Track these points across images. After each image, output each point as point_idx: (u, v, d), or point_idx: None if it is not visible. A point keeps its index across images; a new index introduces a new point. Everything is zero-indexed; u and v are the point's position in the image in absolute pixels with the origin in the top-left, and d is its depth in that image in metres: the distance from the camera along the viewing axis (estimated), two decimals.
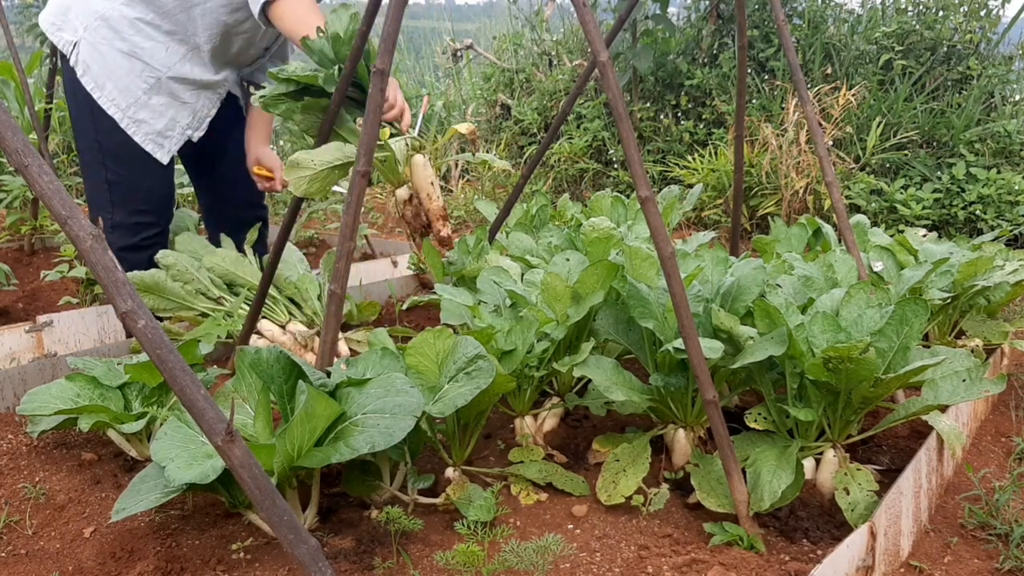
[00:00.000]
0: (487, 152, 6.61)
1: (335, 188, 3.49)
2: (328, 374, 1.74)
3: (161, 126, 2.80)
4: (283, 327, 2.79)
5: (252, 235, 3.07)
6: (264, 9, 2.51)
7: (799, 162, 4.72)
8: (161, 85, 2.78)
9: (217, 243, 3.01)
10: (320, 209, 4.57)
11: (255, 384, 1.72)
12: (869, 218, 3.75)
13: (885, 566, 1.60)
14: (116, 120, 2.75)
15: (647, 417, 2.11)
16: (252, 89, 3.06)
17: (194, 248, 2.93)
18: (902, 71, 5.26)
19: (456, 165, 6.80)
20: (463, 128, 2.42)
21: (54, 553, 1.68)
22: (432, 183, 2.32)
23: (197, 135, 2.90)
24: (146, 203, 2.85)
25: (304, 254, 3.08)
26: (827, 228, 3.01)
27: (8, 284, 3.21)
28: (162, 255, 2.78)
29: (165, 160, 2.83)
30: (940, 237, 3.69)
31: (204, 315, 2.78)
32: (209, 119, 2.92)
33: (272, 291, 2.80)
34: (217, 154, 3.08)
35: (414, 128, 2.79)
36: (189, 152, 3.02)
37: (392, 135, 2.30)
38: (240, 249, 2.99)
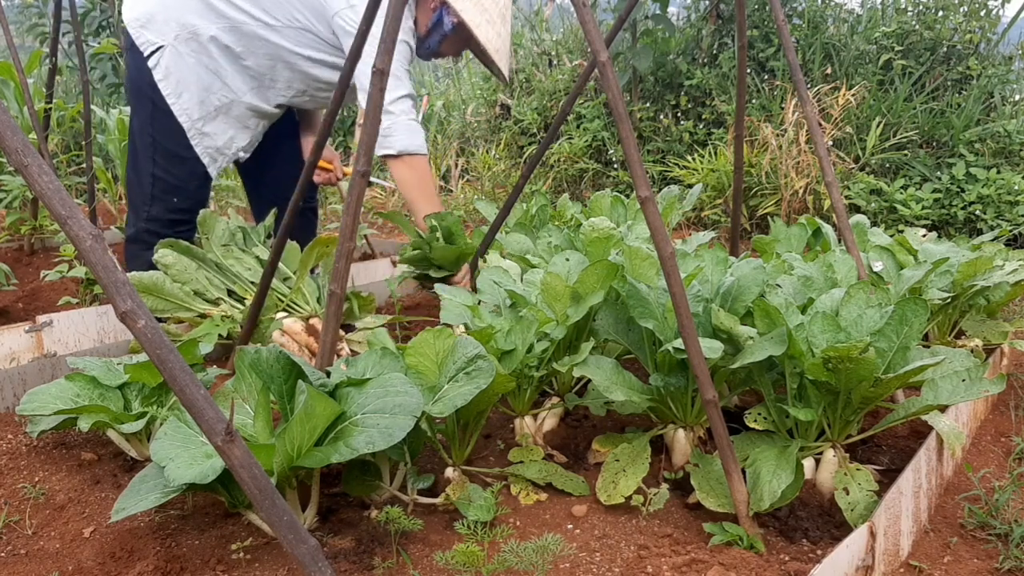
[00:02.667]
0: (487, 152, 6.61)
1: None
2: (328, 374, 1.75)
3: (221, 143, 2.99)
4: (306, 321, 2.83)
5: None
6: (386, 157, 2.95)
7: (799, 162, 4.72)
8: (232, 107, 2.96)
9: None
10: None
11: (255, 384, 1.72)
12: (869, 218, 3.75)
13: (885, 566, 1.60)
14: (184, 129, 2.91)
15: (647, 417, 2.11)
16: None
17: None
18: (902, 71, 5.26)
19: (456, 165, 6.81)
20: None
21: (54, 553, 1.68)
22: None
23: (244, 156, 3.12)
24: (185, 202, 2.99)
25: None
26: (827, 228, 3.01)
27: (8, 284, 3.21)
28: (161, 255, 2.79)
29: (215, 174, 3.04)
30: (940, 237, 3.69)
31: (203, 316, 2.78)
32: (259, 142, 3.14)
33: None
34: (271, 150, 3.21)
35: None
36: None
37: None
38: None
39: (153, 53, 2.86)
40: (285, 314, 2.80)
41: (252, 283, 2.86)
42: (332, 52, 2.98)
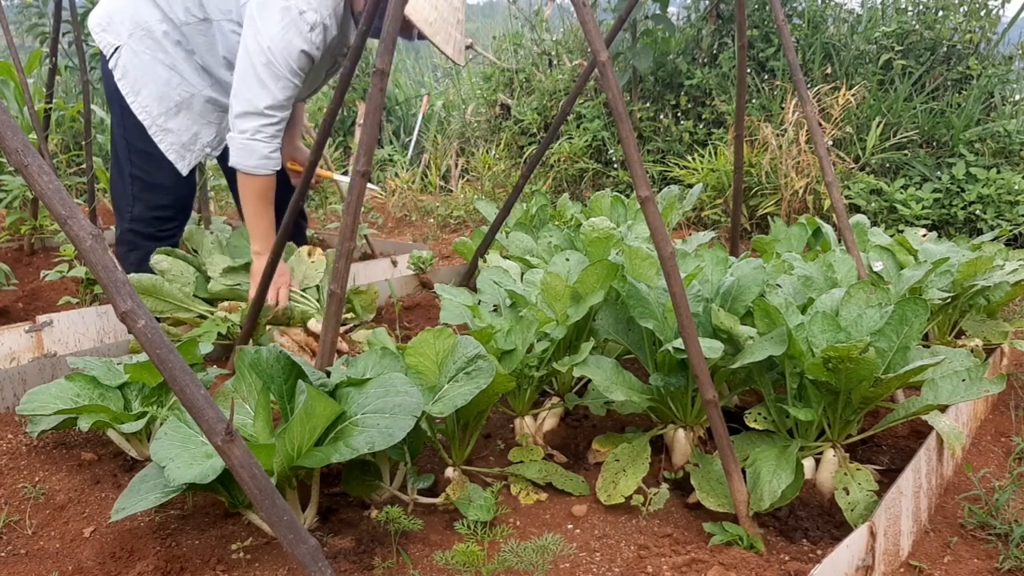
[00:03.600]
0: (487, 152, 6.61)
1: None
2: (328, 374, 1.74)
3: (186, 139, 2.94)
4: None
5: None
6: (234, 165, 2.75)
7: (799, 162, 4.72)
8: (193, 101, 2.92)
9: None
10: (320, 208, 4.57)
11: (255, 384, 1.72)
12: (869, 218, 3.76)
13: (885, 566, 1.60)
14: (146, 126, 2.88)
15: (647, 417, 2.11)
16: None
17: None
18: (902, 71, 5.26)
19: (456, 165, 6.81)
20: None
21: (54, 553, 1.68)
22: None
23: (215, 154, 3.06)
24: (165, 199, 2.97)
25: None
26: (827, 228, 3.01)
27: (8, 284, 3.21)
28: (157, 260, 2.80)
29: (185, 172, 2.97)
30: (940, 237, 3.69)
31: (202, 317, 2.79)
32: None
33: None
34: None
35: (413, 128, 2.88)
36: (225, 153, 3.10)
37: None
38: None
39: (113, 54, 2.85)
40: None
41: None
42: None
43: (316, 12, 2.60)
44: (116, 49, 2.85)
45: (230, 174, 3.31)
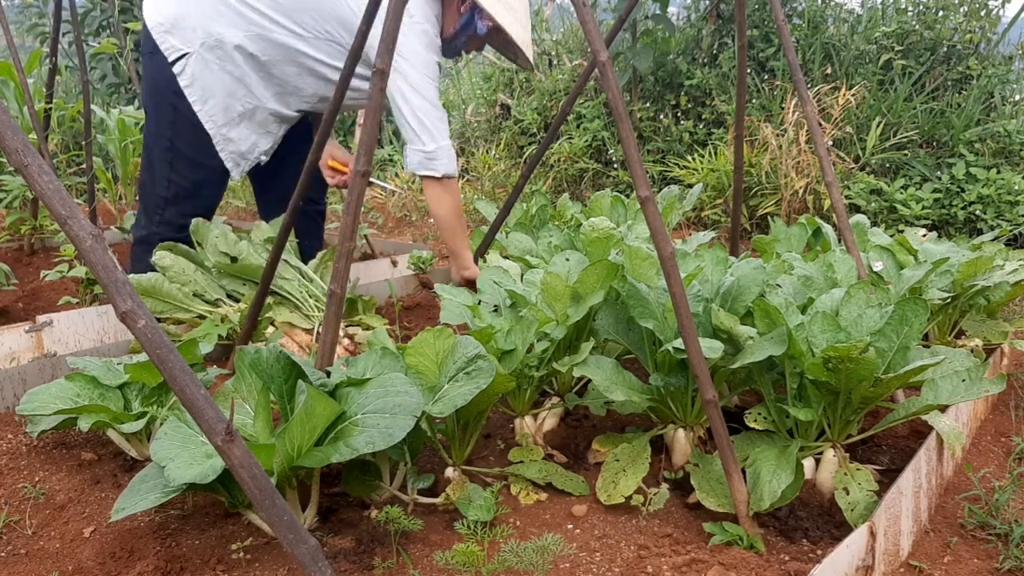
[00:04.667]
0: (487, 152, 6.61)
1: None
2: (328, 374, 1.74)
3: (245, 148, 3.02)
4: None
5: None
6: (420, 176, 2.99)
7: (799, 162, 4.72)
8: (256, 113, 2.99)
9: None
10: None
11: (255, 384, 1.72)
12: (869, 218, 3.75)
13: (885, 566, 1.60)
14: (211, 135, 2.93)
15: (647, 417, 2.11)
16: None
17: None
18: (902, 71, 5.26)
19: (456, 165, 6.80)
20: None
21: (54, 553, 1.68)
22: None
23: (265, 159, 3.13)
24: (199, 207, 3.01)
25: None
26: (827, 228, 3.01)
27: (8, 284, 3.21)
28: (159, 257, 2.79)
29: (237, 177, 3.06)
30: (940, 237, 3.69)
31: (202, 317, 2.78)
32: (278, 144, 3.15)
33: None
34: (283, 152, 3.23)
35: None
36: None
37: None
38: (304, 256, 3.12)
39: (178, 59, 2.86)
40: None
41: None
42: (359, 64, 2.99)
43: (425, 20, 2.88)
44: (184, 55, 2.85)
45: (259, 174, 3.34)
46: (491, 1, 2.89)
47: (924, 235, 3.27)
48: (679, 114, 5.98)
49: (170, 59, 2.86)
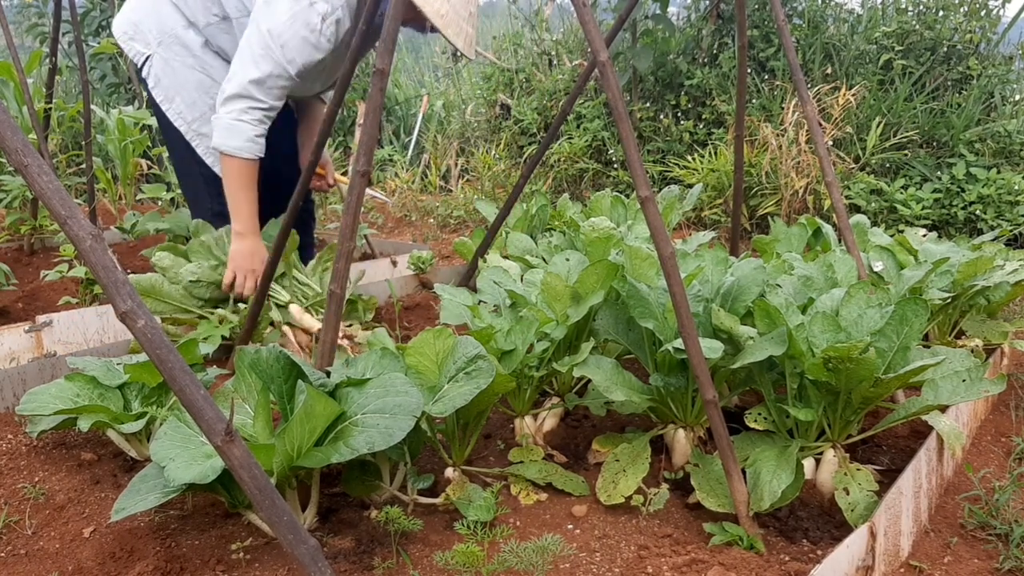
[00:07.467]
0: (487, 152, 6.61)
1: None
2: (328, 374, 1.74)
3: None
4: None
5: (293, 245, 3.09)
6: (216, 146, 2.66)
7: (799, 162, 4.72)
8: None
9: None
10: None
11: (255, 384, 1.72)
12: (869, 218, 3.75)
13: (885, 566, 1.60)
14: (182, 132, 2.88)
15: (647, 417, 2.11)
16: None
17: None
18: (902, 71, 5.26)
19: (456, 165, 6.81)
20: None
21: (53, 553, 1.68)
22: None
23: None
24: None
25: None
26: (827, 228, 3.01)
27: (8, 284, 3.21)
28: (158, 257, 2.79)
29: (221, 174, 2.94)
30: (940, 237, 3.69)
31: (202, 317, 2.78)
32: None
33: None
34: (269, 153, 3.16)
35: (413, 128, 2.88)
36: None
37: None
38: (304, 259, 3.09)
39: (144, 63, 2.86)
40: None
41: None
42: None
43: (327, 3, 2.55)
44: (147, 58, 2.85)
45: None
46: None
47: (924, 235, 3.27)
48: (679, 114, 5.98)
49: (138, 65, 2.87)
